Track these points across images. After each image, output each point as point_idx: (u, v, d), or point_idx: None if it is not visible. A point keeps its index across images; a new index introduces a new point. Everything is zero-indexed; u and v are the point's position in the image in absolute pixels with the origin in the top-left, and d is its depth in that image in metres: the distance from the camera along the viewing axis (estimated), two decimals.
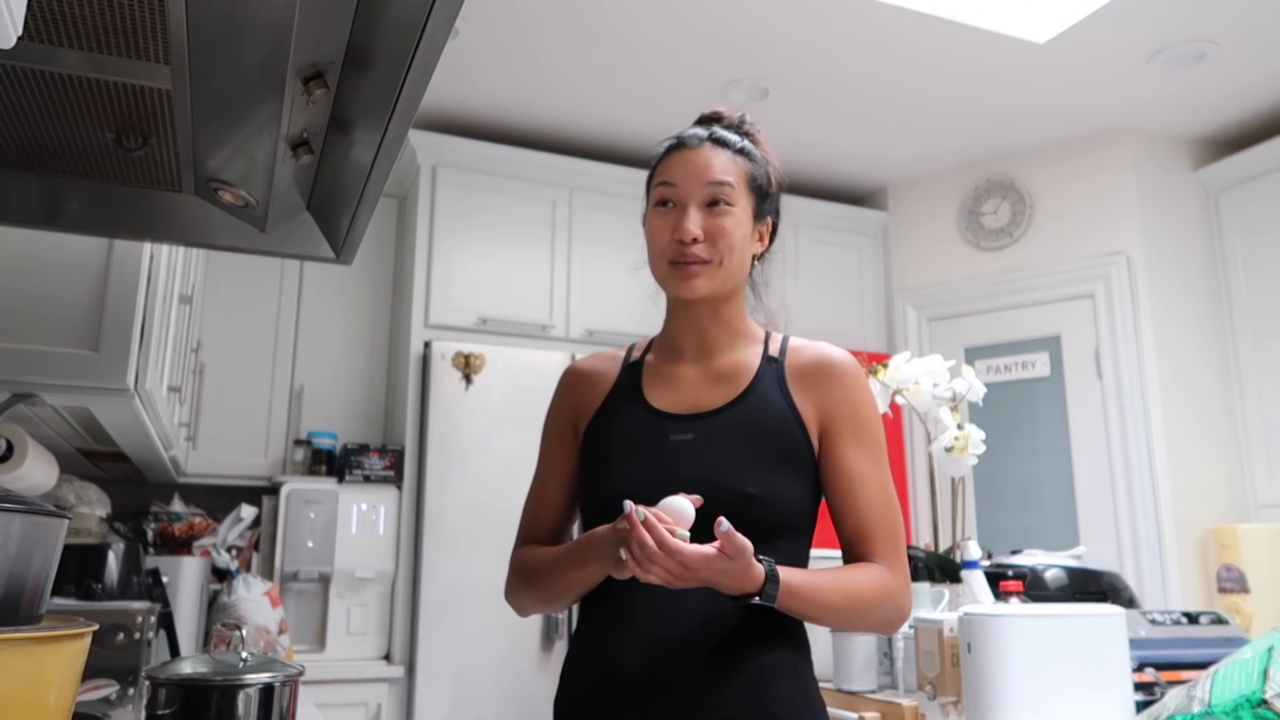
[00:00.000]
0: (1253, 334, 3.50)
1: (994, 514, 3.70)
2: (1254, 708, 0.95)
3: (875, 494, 1.18)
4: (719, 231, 1.19)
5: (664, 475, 1.16)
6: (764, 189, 1.27)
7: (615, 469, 1.20)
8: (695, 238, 1.18)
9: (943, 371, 2.01)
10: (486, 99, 3.41)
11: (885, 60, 3.14)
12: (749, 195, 1.24)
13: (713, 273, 1.20)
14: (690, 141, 1.25)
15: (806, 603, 1.08)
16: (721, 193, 1.20)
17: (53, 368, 1.27)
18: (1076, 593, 1.98)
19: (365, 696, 2.98)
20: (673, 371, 1.27)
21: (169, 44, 0.84)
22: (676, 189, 1.21)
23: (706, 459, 1.17)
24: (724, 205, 1.20)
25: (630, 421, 1.23)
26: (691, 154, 1.23)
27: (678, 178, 1.22)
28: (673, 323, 1.29)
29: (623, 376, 1.30)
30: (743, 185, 1.23)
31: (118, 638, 1.45)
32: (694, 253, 1.19)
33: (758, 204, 1.25)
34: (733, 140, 1.25)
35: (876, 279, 4.14)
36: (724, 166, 1.22)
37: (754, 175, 1.25)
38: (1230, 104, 3.45)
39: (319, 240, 1.28)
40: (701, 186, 1.20)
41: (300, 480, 3.18)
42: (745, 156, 1.25)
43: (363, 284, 3.58)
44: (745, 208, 1.23)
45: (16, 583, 0.83)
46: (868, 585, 1.13)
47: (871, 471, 1.19)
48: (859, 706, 1.70)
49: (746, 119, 1.32)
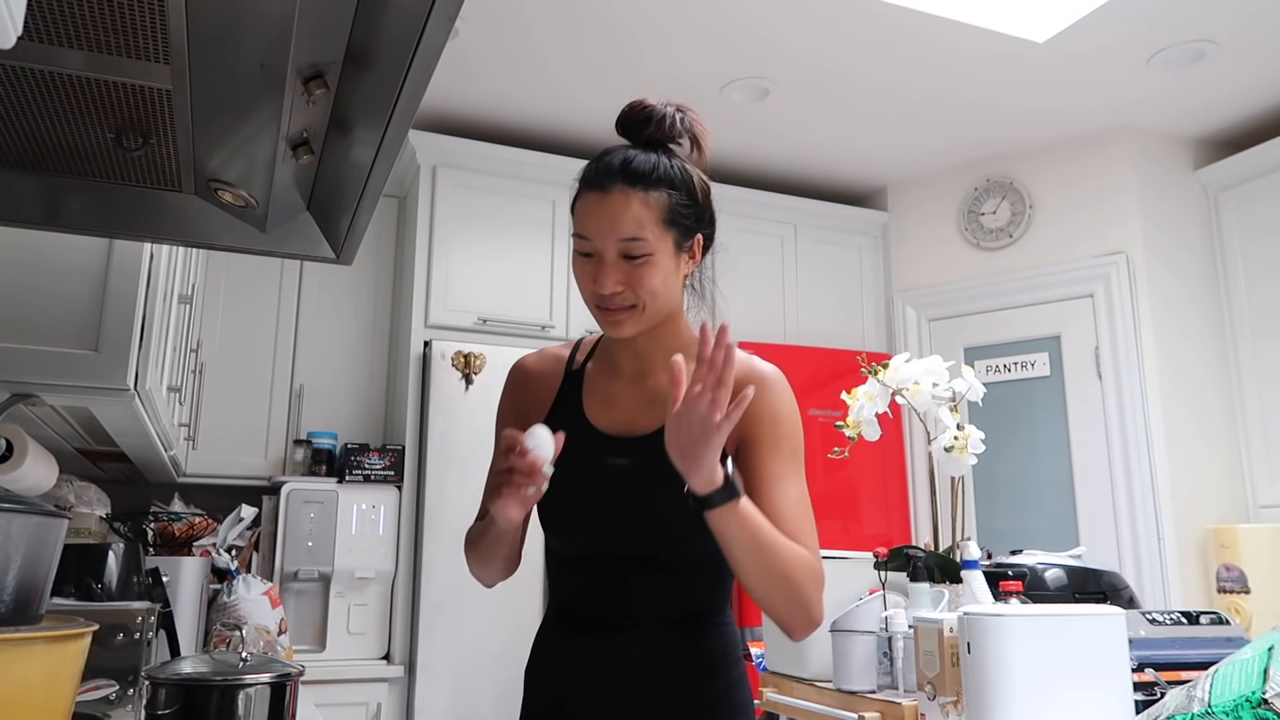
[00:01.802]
0: (1253, 334, 3.50)
1: (994, 514, 3.70)
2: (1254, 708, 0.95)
3: (791, 496, 1.18)
4: (638, 282, 1.17)
5: (601, 499, 1.21)
6: (687, 215, 1.21)
7: (557, 491, 1.20)
8: (615, 292, 1.17)
9: (942, 371, 2.01)
10: (486, 99, 3.41)
11: (885, 59, 3.14)
12: (668, 232, 1.18)
13: (638, 316, 1.19)
14: (601, 183, 1.18)
15: (746, 529, 1.08)
16: (634, 247, 1.16)
17: (53, 368, 1.27)
18: (1076, 593, 1.97)
19: (365, 696, 2.98)
20: (610, 388, 1.28)
21: (169, 44, 0.84)
22: (590, 242, 1.18)
23: (641, 488, 1.19)
24: (640, 257, 1.17)
25: (570, 439, 1.20)
26: (602, 202, 1.17)
27: (591, 230, 1.18)
28: (610, 340, 1.29)
29: (565, 386, 1.30)
30: (659, 228, 1.17)
31: (118, 638, 1.45)
32: (617, 302, 1.18)
33: (680, 236, 1.20)
34: (646, 171, 1.18)
35: (876, 279, 4.14)
36: (636, 217, 1.16)
37: (673, 208, 1.19)
38: (1230, 104, 3.45)
39: (319, 240, 1.28)
40: (614, 241, 1.16)
41: (300, 480, 3.19)
42: (661, 188, 1.18)
43: (363, 284, 3.58)
44: (665, 247, 1.18)
45: (16, 583, 0.83)
46: (802, 557, 1.13)
47: (789, 476, 1.19)
48: (859, 706, 1.70)
49: (672, 117, 1.24)
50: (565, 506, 1.23)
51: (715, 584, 1.25)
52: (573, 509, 1.24)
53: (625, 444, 1.22)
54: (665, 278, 1.19)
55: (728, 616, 1.28)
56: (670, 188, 1.19)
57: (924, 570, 1.85)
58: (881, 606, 1.83)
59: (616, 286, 1.17)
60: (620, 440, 1.23)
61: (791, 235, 3.97)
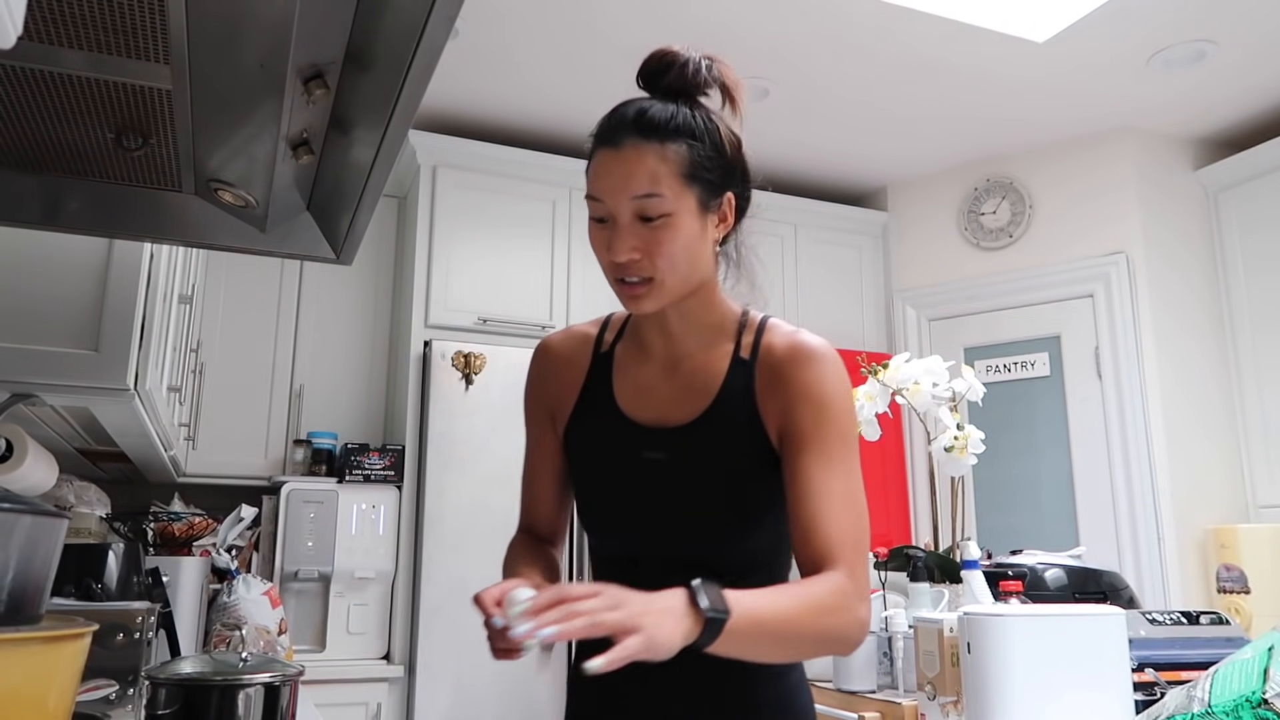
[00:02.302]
0: (1252, 333, 3.50)
1: (994, 514, 3.70)
2: (1254, 708, 0.95)
3: (834, 493, 1.05)
4: (657, 248, 1.05)
5: (638, 497, 1.12)
6: (712, 169, 1.08)
7: (593, 492, 1.16)
8: (631, 259, 1.05)
9: (942, 371, 2.01)
10: (487, 99, 3.41)
11: (885, 60, 3.14)
12: (689, 190, 1.06)
13: (659, 290, 1.07)
14: (613, 138, 1.07)
15: (751, 635, 0.92)
16: (651, 206, 1.04)
17: (53, 368, 1.27)
18: (1076, 593, 1.97)
19: (365, 696, 2.98)
20: (642, 373, 1.17)
21: (169, 44, 0.84)
22: (604, 204, 1.06)
23: (680, 485, 1.10)
24: (658, 218, 1.04)
25: (603, 432, 1.16)
26: (615, 158, 1.06)
27: (603, 190, 1.06)
28: (639, 318, 1.19)
29: (594, 370, 1.20)
30: (678, 183, 1.05)
31: (118, 638, 1.45)
32: (634, 271, 1.06)
33: (705, 192, 1.07)
34: (663, 122, 1.06)
35: (876, 279, 4.14)
36: (652, 171, 1.04)
37: (693, 162, 1.06)
38: (1230, 104, 3.45)
39: (319, 240, 1.28)
40: (628, 201, 1.04)
41: (300, 480, 3.18)
42: (681, 139, 1.06)
43: (363, 284, 3.58)
44: (687, 206, 1.06)
45: (16, 583, 0.83)
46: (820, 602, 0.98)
47: (833, 468, 1.06)
48: (859, 706, 1.70)
49: (697, 64, 1.11)
50: (601, 506, 1.17)
51: (767, 585, 1.11)
52: (608, 508, 1.16)
53: (660, 435, 1.12)
54: (688, 242, 1.06)
55: None
56: (690, 138, 1.06)
57: (924, 570, 1.85)
58: (882, 606, 1.84)
59: (632, 253, 1.05)
60: (655, 431, 1.12)
61: (791, 235, 3.97)
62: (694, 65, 1.10)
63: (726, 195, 1.11)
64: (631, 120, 1.06)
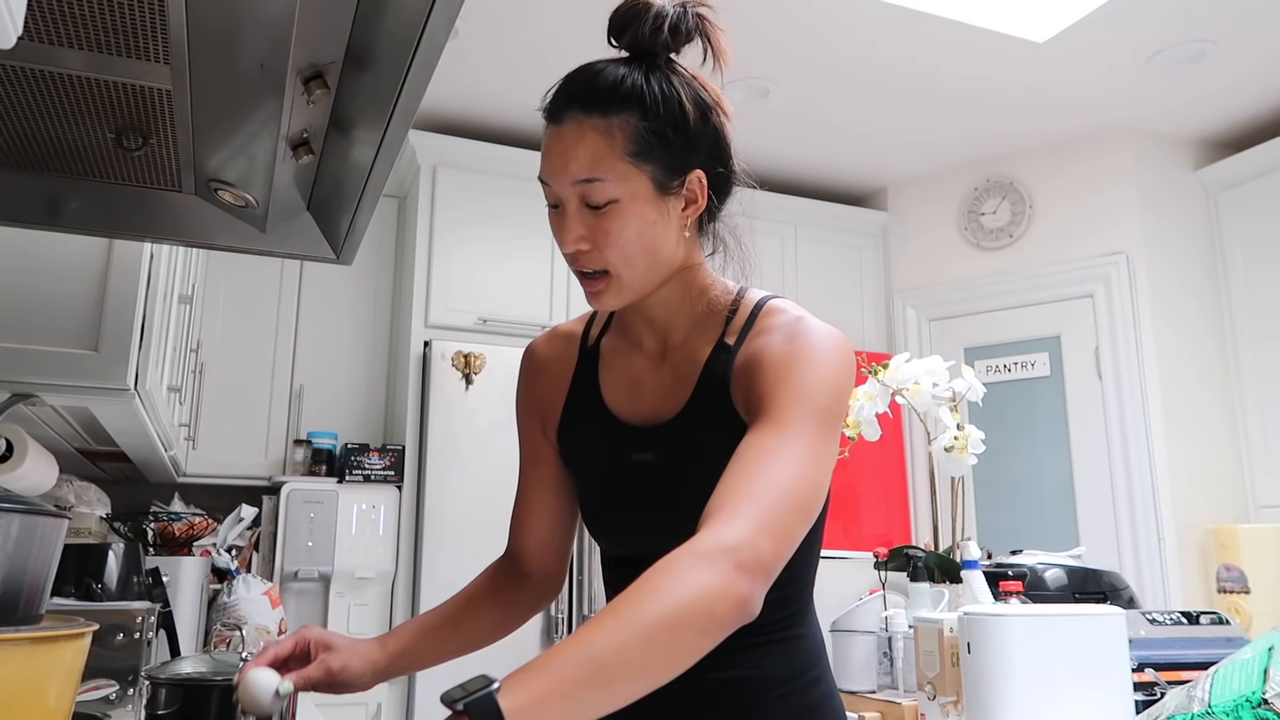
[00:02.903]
0: (1253, 333, 3.50)
1: (994, 514, 3.70)
2: (1254, 708, 0.95)
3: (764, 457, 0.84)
4: (604, 238, 0.93)
5: (631, 500, 1.04)
6: (669, 146, 0.94)
7: (589, 496, 1.10)
8: (580, 249, 0.94)
9: (942, 371, 2.01)
10: (486, 99, 3.41)
11: (885, 60, 3.14)
12: (641, 170, 0.92)
13: (617, 286, 0.96)
14: (555, 114, 0.95)
15: (557, 693, 0.68)
16: (593, 191, 0.92)
17: (53, 368, 1.27)
18: (1076, 593, 1.97)
19: (365, 696, 2.98)
20: (630, 364, 1.07)
21: (169, 44, 0.84)
22: (550, 188, 0.95)
23: (668, 486, 1.00)
24: (604, 204, 0.92)
25: (592, 434, 1.08)
26: (556, 136, 0.94)
27: (546, 173, 0.95)
28: (625, 308, 1.06)
29: (581, 367, 1.11)
30: (625, 165, 0.92)
31: (118, 638, 1.45)
32: (586, 263, 0.95)
33: (661, 172, 0.94)
34: (606, 91, 0.93)
35: (876, 279, 4.14)
36: (591, 150, 0.91)
37: (644, 137, 0.92)
38: (1230, 104, 3.45)
39: (319, 240, 1.28)
40: (569, 186, 0.93)
41: (300, 480, 3.19)
42: (628, 111, 0.92)
43: (363, 284, 3.58)
44: (639, 189, 0.93)
45: (16, 583, 0.83)
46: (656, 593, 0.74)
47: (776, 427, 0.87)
48: (859, 706, 1.70)
49: (664, 16, 0.95)
50: (598, 511, 1.10)
51: (787, 588, 1.00)
52: (605, 513, 1.09)
53: (647, 434, 1.03)
54: (642, 230, 0.94)
55: (803, 626, 1.04)
56: (640, 109, 0.92)
57: (924, 570, 1.85)
58: (881, 606, 1.84)
59: (579, 243, 0.94)
60: (643, 430, 1.03)
61: (791, 235, 3.97)
62: (660, 16, 0.94)
63: (692, 174, 0.96)
64: (573, 89, 0.94)
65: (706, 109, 0.98)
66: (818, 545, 1.07)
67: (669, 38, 0.96)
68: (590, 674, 0.69)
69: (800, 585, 1.03)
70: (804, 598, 1.05)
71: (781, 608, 1.00)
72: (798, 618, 1.03)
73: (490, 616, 1.15)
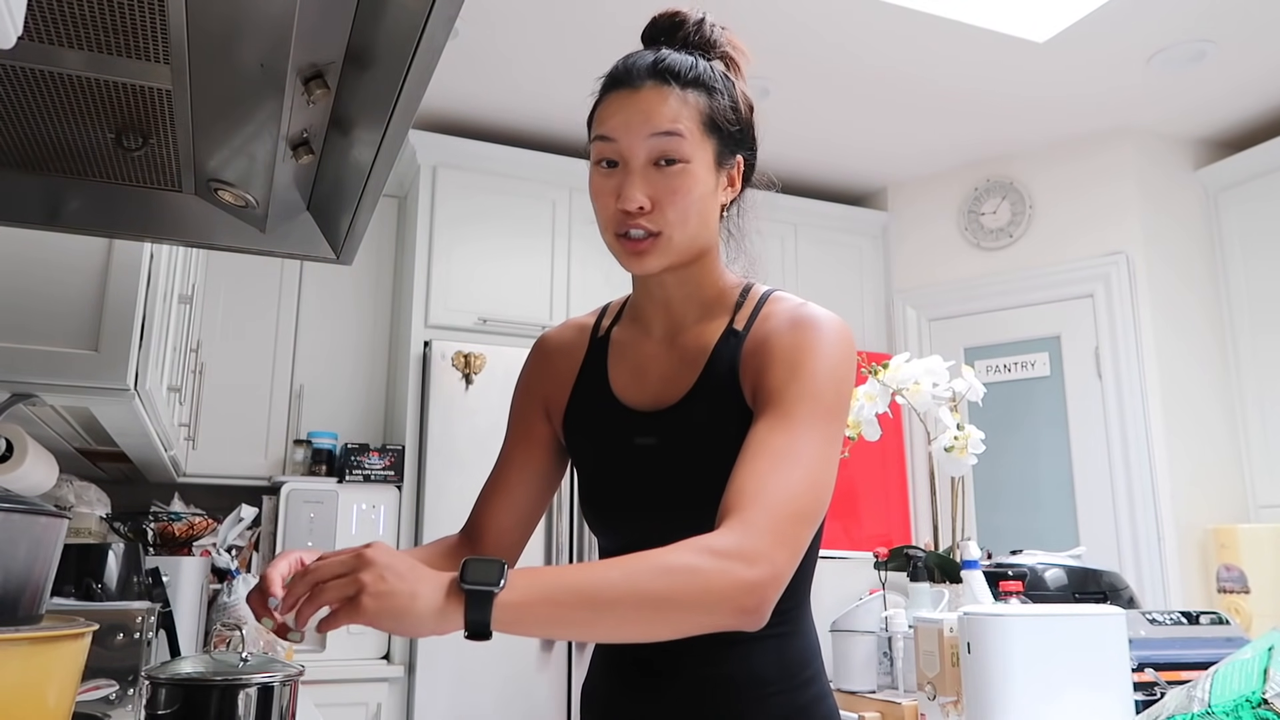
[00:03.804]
0: (1252, 333, 3.50)
1: (994, 514, 3.70)
2: (1254, 708, 0.95)
3: (770, 447, 0.89)
4: (670, 196, 0.98)
5: (631, 486, 1.05)
6: (728, 125, 1.03)
7: (589, 487, 1.11)
8: (642, 206, 0.98)
9: (942, 371, 2.01)
10: (487, 99, 3.41)
11: (885, 60, 3.14)
12: (708, 140, 1.01)
13: (665, 246, 0.99)
14: (631, 80, 1.01)
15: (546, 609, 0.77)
16: (670, 147, 0.98)
17: (53, 368, 1.27)
18: (1076, 593, 1.98)
19: (365, 696, 2.98)
20: (639, 351, 1.10)
21: (169, 44, 0.84)
22: (616, 144, 0.99)
23: (670, 471, 1.01)
24: (676, 163, 0.98)
25: (596, 421, 1.09)
26: (631, 98, 0.99)
27: (616, 130, 0.99)
28: (636, 291, 1.12)
29: (590, 355, 1.14)
30: (698, 130, 0.99)
31: (118, 638, 1.45)
32: (642, 224, 0.98)
33: (720, 147, 1.03)
34: (684, 69, 1.01)
35: (876, 279, 4.14)
36: (673, 111, 0.98)
37: (713, 112, 1.01)
38: (1230, 104, 3.45)
39: (319, 240, 1.28)
40: (645, 140, 0.98)
41: (300, 480, 3.19)
42: (701, 88, 1.01)
43: (363, 284, 3.58)
44: (704, 157, 1.00)
45: (16, 583, 0.83)
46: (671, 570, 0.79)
47: (783, 423, 0.91)
48: (859, 706, 1.70)
49: (708, 23, 1.08)
50: (598, 498, 1.10)
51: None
52: (605, 500, 1.09)
53: (651, 419, 1.04)
54: (703, 195, 1.00)
55: (797, 626, 1.05)
56: (709, 90, 1.01)
57: (924, 570, 1.85)
58: (881, 606, 1.84)
59: (644, 199, 0.97)
60: (646, 415, 1.05)
61: (791, 235, 3.97)
62: (706, 25, 1.07)
63: (738, 157, 1.07)
64: (651, 64, 1.01)
65: (751, 105, 1.09)
66: (816, 544, 1.08)
67: (712, 42, 1.07)
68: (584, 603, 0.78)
69: (796, 585, 1.03)
70: (799, 597, 1.05)
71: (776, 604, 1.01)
72: (791, 617, 1.04)
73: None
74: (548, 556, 3.05)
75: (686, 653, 1.00)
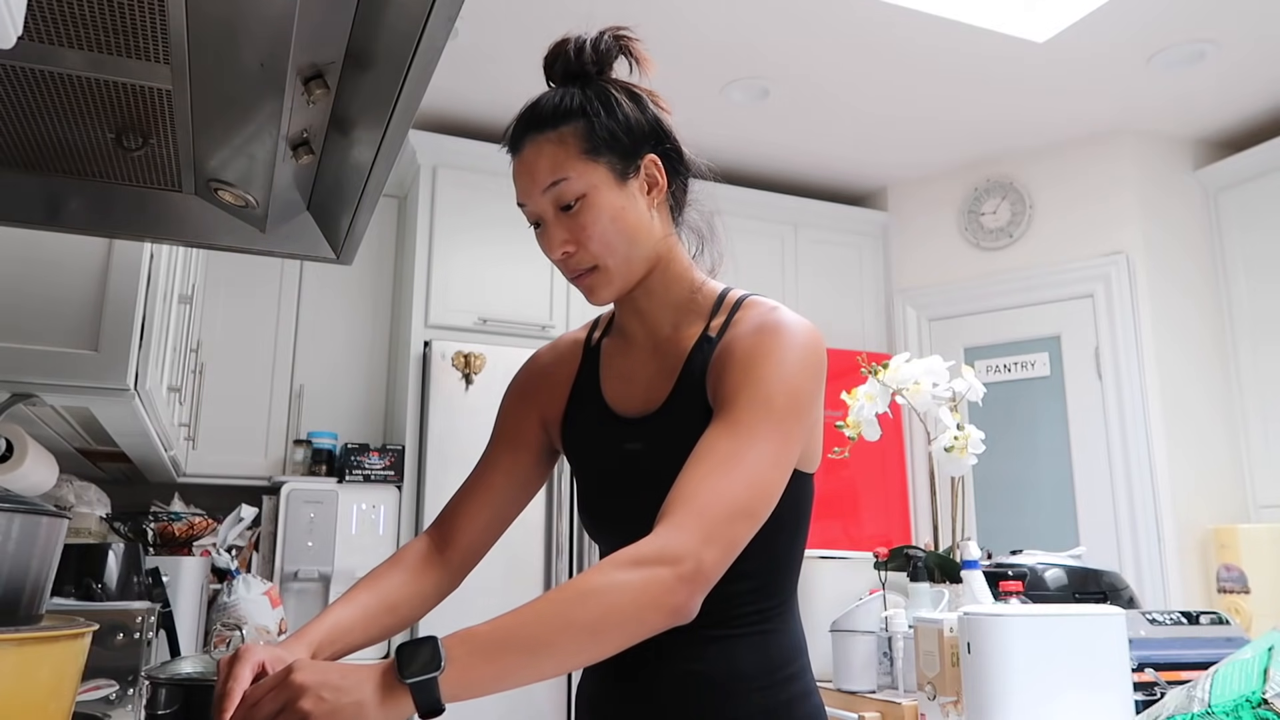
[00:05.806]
0: (1252, 333, 3.50)
1: (994, 514, 3.70)
2: (1254, 708, 0.95)
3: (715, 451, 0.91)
4: (583, 233, 1.02)
5: (620, 491, 1.08)
6: (616, 136, 1.04)
7: (585, 493, 1.13)
8: (567, 251, 1.03)
9: (942, 371, 2.01)
10: (486, 99, 3.41)
11: (884, 60, 3.14)
12: (597, 163, 1.03)
13: (606, 276, 1.04)
14: (514, 144, 1.08)
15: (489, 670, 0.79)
16: (562, 192, 1.02)
17: (53, 368, 1.27)
18: (1076, 593, 1.98)
19: None
20: (627, 359, 1.13)
21: (169, 44, 0.84)
22: (527, 207, 1.07)
23: (655, 478, 0.98)
24: (574, 203, 1.02)
25: (588, 429, 1.12)
26: (519, 164, 1.06)
27: (521, 196, 1.07)
28: (619, 306, 1.14)
29: (584, 366, 1.17)
30: (582, 160, 1.02)
31: (118, 638, 1.45)
32: (576, 264, 1.04)
33: (617, 160, 1.04)
34: (548, 111, 1.04)
35: (876, 279, 4.14)
36: (550, 160, 1.02)
37: (593, 134, 1.03)
38: (1230, 104, 3.45)
39: (319, 240, 1.28)
40: (541, 196, 1.04)
41: (300, 480, 3.19)
42: (572, 118, 1.03)
43: (363, 284, 3.58)
44: (601, 180, 1.02)
45: (16, 583, 0.83)
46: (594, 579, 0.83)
47: (730, 427, 0.93)
48: (859, 706, 1.70)
49: (590, 42, 1.11)
50: (591, 503, 1.13)
51: (762, 582, 1.03)
52: (596, 506, 1.12)
53: (637, 425, 1.07)
54: (614, 215, 1.02)
55: (781, 622, 1.06)
56: (582, 115, 1.04)
57: (924, 570, 1.85)
58: (881, 606, 1.84)
59: (565, 247, 1.03)
60: (633, 421, 1.08)
61: (791, 235, 3.97)
62: (579, 42, 1.10)
63: (645, 157, 1.06)
64: (524, 120, 1.07)
65: (640, 100, 1.09)
66: (801, 541, 1.09)
67: (592, 56, 1.10)
68: (522, 661, 0.80)
69: (778, 580, 1.05)
70: (783, 594, 1.06)
71: (756, 601, 1.03)
72: (775, 613, 1.05)
73: (406, 618, 1.14)
74: (548, 557, 3.05)
75: (667, 650, 1.00)
